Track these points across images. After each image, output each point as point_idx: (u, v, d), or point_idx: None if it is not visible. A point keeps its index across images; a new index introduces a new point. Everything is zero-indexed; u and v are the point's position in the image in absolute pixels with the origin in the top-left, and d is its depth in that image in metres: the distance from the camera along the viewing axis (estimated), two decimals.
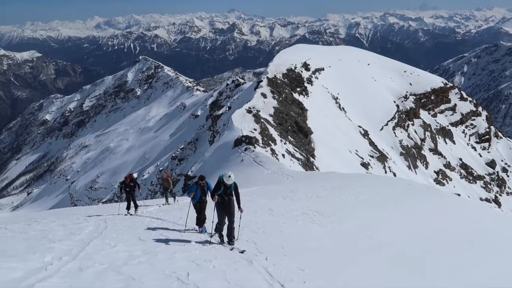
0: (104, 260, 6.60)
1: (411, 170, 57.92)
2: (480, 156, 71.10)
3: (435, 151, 65.61)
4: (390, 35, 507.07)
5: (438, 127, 70.08)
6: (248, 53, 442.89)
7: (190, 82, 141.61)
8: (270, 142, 34.25)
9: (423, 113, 70.42)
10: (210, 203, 9.29)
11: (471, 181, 64.24)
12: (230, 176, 8.46)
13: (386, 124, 62.07)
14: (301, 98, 53.79)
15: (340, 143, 48.82)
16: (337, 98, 61.91)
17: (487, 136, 74.27)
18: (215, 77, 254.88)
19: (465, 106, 76.14)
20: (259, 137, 33.86)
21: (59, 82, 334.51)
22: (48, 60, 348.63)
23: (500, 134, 79.46)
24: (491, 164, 69.38)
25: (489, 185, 65.18)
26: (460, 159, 67.50)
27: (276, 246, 8.41)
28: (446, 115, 74.03)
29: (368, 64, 75.86)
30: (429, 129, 67.93)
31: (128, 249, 7.51)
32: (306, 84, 59.12)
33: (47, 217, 12.86)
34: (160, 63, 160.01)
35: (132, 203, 13.15)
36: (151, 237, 8.69)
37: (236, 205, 8.59)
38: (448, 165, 64.63)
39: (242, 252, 7.93)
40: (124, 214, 12.67)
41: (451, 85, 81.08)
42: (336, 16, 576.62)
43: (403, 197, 15.44)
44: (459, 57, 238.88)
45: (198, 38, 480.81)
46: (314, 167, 36.02)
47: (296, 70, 61.06)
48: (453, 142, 70.23)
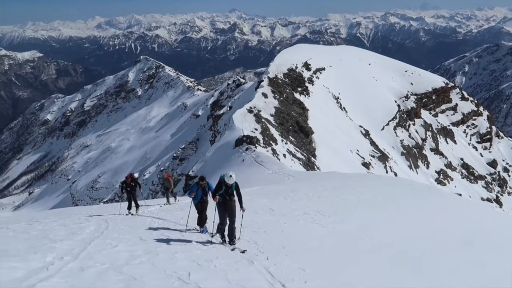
0: (105, 260, 6.61)
1: (412, 170, 57.87)
2: (481, 156, 71.02)
3: (436, 151, 65.55)
4: (391, 35, 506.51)
5: (439, 127, 70.01)
6: (249, 53, 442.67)
7: (191, 82, 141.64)
8: (271, 142, 34.23)
9: (424, 113, 70.34)
10: (212, 203, 9.30)
11: (472, 181, 64.17)
12: (231, 176, 8.45)
13: (387, 124, 62.02)
14: (302, 98, 53.74)
15: (341, 143, 48.78)
16: (338, 98, 61.87)
17: (488, 136, 74.16)
18: (216, 77, 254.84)
19: (466, 106, 76.05)
20: (260, 137, 33.84)
21: (60, 82, 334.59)
22: (49, 60, 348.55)
23: (501, 134, 79.34)
24: (492, 164, 69.29)
25: (490, 185, 65.10)
26: (461, 159, 67.43)
27: (277, 246, 8.41)
28: (447, 115, 73.93)
29: (369, 64, 75.78)
30: (430, 129, 67.85)
31: (129, 249, 7.52)
32: (307, 84, 59.07)
33: (49, 217, 12.88)
34: (161, 63, 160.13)
35: (133, 203, 13.17)
36: (152, 237, 8.70)
37: (238, 205, 8.59)
38: (449, 165, 64.55)
39: (243, 252, 7.93)
40: (125, 214, 12.68)
41: (452, 85, 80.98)
42: (337, 16, 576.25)
43: (404, 197, 15.44)
44: (460, 57, 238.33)
45: (199, 38, 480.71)
46: (315, 167, 36.01)
47: (297, 70, 61.00)
48: (454, 142, 70.16)
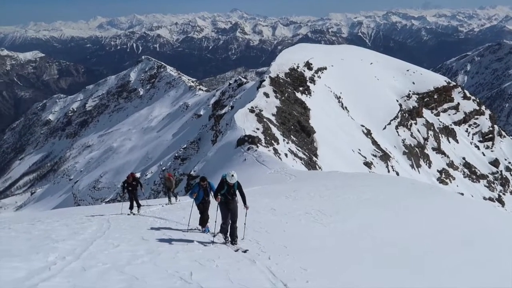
0: (107, 260, 6.61)
1: (414, 169, 57.80)
2: (484, 155, 70.83)
3: (438, 150, 65.42)
4: (393, 34, 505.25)
5: (441, 126, 69.86)
6: (251, 53, 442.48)
7: (193, 82, 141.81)
8: (273, 142, 34.25)
9: (426, 112, 70.22)
10: (213, 203, 9.30)
11: (475, 180, 64.05)
12: (233, 175, 8.45)
13: (389, 123, 61.95)
14: (304, 98, 53.74)
15: (343, 142, 48.76)
16: (340, 97, 61.82)
17: (491, 135, 73.96)
18: (218, 77, 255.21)
19: (468, 105, 75.86)
20: (262, 137, 33.86)
21: (62, 82, 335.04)
22: (51, 60, 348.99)
23: (504, 133, 79.16)
24: (495, 163, 69.11)
25: (493, 184, 64.96)
26: (464, 158, 67.27)
27: (279, 246, 8.41)
28: (449, 114, 73.77)
29: (371, 63, 75.68)
30: (432, 128, 67.73)
31: (131, 249, 7.52)
32: (309, 84, 59.04)
33: (51, 217, 12.89)
34: (163, 63, 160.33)
35: (135, 203, 13.18)
36: (154, 237, 8.70)
37: (242, 204, 8.58)
38: (451, 164, 64.43)
39: (245, 252, 7.93)
40: (127, 214, 12.69)
41: (454, 84, 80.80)
42: (339, 15, 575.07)
43: (406, 196, 15.42)
44: (462, 56, 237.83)
45: (201, 38, 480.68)
46: (317, 167, 35.99)
47: (299, 70, 60.96)
48: (456, 141, 70.02)
